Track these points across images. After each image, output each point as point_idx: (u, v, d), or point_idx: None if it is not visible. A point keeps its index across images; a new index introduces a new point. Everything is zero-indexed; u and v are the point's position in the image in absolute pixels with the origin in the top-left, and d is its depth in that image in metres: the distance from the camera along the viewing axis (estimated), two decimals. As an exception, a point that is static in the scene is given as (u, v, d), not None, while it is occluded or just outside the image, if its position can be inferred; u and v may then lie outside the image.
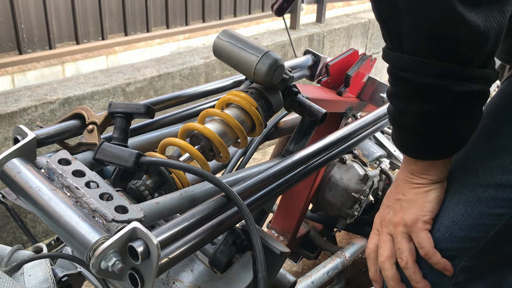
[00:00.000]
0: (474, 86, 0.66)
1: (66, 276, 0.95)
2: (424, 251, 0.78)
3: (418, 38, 0.64)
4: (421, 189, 0.79)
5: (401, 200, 0.81)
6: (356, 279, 1.94)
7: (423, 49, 0.65)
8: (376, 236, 0.86)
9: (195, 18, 2.82)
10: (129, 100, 2.23)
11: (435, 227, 0.79)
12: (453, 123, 0.71)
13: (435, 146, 0.75)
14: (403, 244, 0.80)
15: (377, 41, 4.08)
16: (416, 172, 0.79)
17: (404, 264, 0.79)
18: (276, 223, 1.62)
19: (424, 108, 0.70)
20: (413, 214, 0.79)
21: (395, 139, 0.80)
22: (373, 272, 0.86)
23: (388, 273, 0.82)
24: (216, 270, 0.84)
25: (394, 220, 0.81)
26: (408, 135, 0.76)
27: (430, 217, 0.79)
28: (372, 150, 1.59)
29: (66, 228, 0.66)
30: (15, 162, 0.76)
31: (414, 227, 0.79)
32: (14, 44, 2.04)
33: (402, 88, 0.71)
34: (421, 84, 0.67)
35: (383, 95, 1.45)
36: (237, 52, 0.97)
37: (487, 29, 0.62)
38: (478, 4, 0.61)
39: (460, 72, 0.65)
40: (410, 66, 0.66)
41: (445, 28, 0.62)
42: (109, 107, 0.92)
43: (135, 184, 0.81)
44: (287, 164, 0.88)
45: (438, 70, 0.65)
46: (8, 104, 1.86)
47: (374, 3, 0.68)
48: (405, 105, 0.72)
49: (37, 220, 2.02)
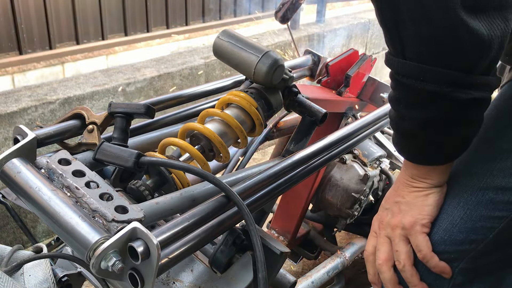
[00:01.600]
0: (476, 93, 0.66)
1: (66, 276, 0.95)
2: (422, 254, 0.78)
3: (421, 44, 0.64)
4: (420, 192, 0.79)
5: (400, 202, 0.81)
6: (356, 279, 1.94)
7: (425, 56, 0.65)
8: (374, 239, 0.85)
9: (195, 18, 2.82)
10: (129, 100, 2.23)
11: (434, 230, 0.78)
12: (454, 130, 0.71)
13: (436, 151, 0.75)
14: (400, 246, 0.80)
15: (377, 41, 4.08)
16: (416, 176, 0.79)
17: (402, 266, 0.79)
18: (276, 223, 1.63)
19: (425, 114, 0.69)
20: (412, 217, 0.79)
21: (395, 143, 0.80)
22: (371, 274, 0.86)
23: (386, 275, 0.82)
24: (216, 270, 0.84)
25: (392, 223, 0.81)
26: (409, 140, 0.76)
27: (429, 220, 0.78)
28: (372, 150, 1.59)
29: (66, 228, 0.66)
30: (15, 162, 0.76)
31: (412, 230, 0.78)
32: (14, 44, 2.05)
33: (404, 94, 0.70)
34: (422, 90, 0.66)
35: (383, 95, 1.45)
36: (237, 52, 0.97)
37: (491, 37, 0.62)
38: (482, 11, 0.61)
39: (462, 80, 0.65)
40: (412, 73, 0.66)
41: (448, 35, 0.61)
42: (109, 107, 0.92)
43: (135, 184, 0.81)
44: (287, 164, 0.88)
45: (440, 77, 0.64)
46: (8, 104, 1.86)
47: (377, 8, 0.67)
48: (406, 111, 0.71)
49: (37, 220, 2.02)
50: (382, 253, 0.82)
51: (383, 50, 4.22)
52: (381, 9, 0.67)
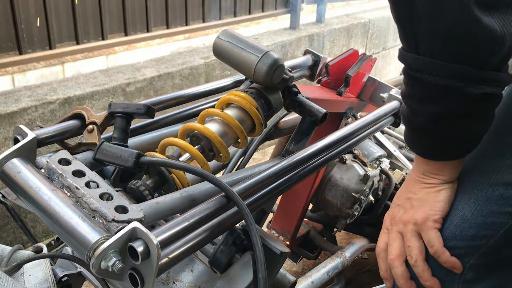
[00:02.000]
0: (487, 88, 0.67)
1: (66, 276, 0.95)
2: (434, 250, 0.79)
3: (434, 40, 0.66)
4: (432, 188, 0.80)
5: (411, 199, 0.82)
6: (356, 279, 1.94)
7: (438, 51, 0.66)
8: (385, 235, 0.87)
9: (195, 18, 2.82)
10: (129, 100, 2.23)
11: (445, 225, 0.80)
12: (465, 125, 0.72)
13: (447, 147, 0.76)
14: (412, 242, 0.81)
15: (377, 41, 4.08)
16: (428, 172, 0.80)
17: (414, 262, 0.80)
18: (276, 223, 1.63)
19: (437, 109, 0.71)
20: (424, 213, 0.80)
21: (407, 139, 0.81)
22: (383, 270, 0.87)
23: (398, 270, 0.83)
24: (216, 270, 0.84)
25: (404, 218, 0.82)
26: (421, 135, 0.77)
27: (440, 216, 0.80)
28: (372, 150, 1.59)
29: (66, 228, 0.66)
30: (15, 162, 0.76)
31: (424, 226, 0.80)
32: (14, 44, 2.04)
33: (417, 89, 0.72)
34: (435, 85, 0.68)
35: (383, 95, 1.44)
36: (237, 52, 0.97)
37: (504, 34, 0.63)
38: (495, 8, 0.62)
39: (474, 75, 0.66)
40: (425, 67, 0.68)
41: (462, 31, 0.63)
42: (109, 107, 0.92)
43: (135, 184, 0.81)
44: (287, 164, 0.88)
45: (452, 71, 0.66)
46: (8, 104, 1.86)
47: (392, 4, 0.69)
48: (419, 106, 0.73)
49: (37, 220, 2.02)
50: (394, 248, 0.83)
51: (383, 50, 4.22)
52: (396, 5, 0.68)
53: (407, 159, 1.77)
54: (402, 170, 1.71)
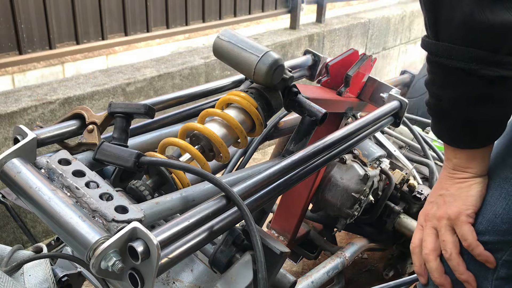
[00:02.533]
0: (502, 71, 0.70)
1: (66, 276, 0.95)
2: (467, 243, 0.80)
3: (452, 27, 0.70)
4: (463, 183, 0.82)
5: (444, 195, 0.84)
6: (356, 279, 1.94)
7: (455, 37, 0.71)
8: (420, 232, 0.88)
9: (195, 18, 2.82)
10: (129, 100, 2.23)
11: (478, 221, 0.81)
12: (485, 108, 0.74)
13: (470, 132, 0.78)
14: (447, 236, 0.82)
15: (377, 41, 4.08)
16: (457, 166, 0.82)
17: (449, 255, 0.82)
18: (276, 223, 1.63)
19: (457, 92, 0.74)
20: (457, 208, 0.81)
21: (433, 128, 0.84)
22: (417, 266, 0.89)
23: (432, 265, 0.84)
24: (216, 270, 0.84)
25: (438, 214, 0.84)
26: (445, 122, 0.80)
27: (473, 211, 0.81)
28: (372, 150, 1.59)
29: (66, 228, 0.66)
30: (15, 162, 0.76)
31: (458, 220, 0.81)
32: (14, 44, 2.04)
33: (437, 74, 0.76)
34: (454, 68, 0.72)
35: (383, 95, 1.44)
36: (237, 52, 0.97)
37: None
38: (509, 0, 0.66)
39: (490, 58, 0.69)
40: (444, 52, 0.72)
41: (477, 19, 0.67)
42: (109, 107, 0.92)
43: (135, 184, 0.81)
44: (287, 164, 0.88)
45: (469, 55, 0.70)
46: (8, 104, 1.86)
47: None
48: (440, 91, 0.77)
49: (37, 220, 2.02)
50: (429, 243, 0.85)
51: (383, 50, 4.22)
52: None
53: (407, 159, 1.77)
54: (402, 170, 1.71)
